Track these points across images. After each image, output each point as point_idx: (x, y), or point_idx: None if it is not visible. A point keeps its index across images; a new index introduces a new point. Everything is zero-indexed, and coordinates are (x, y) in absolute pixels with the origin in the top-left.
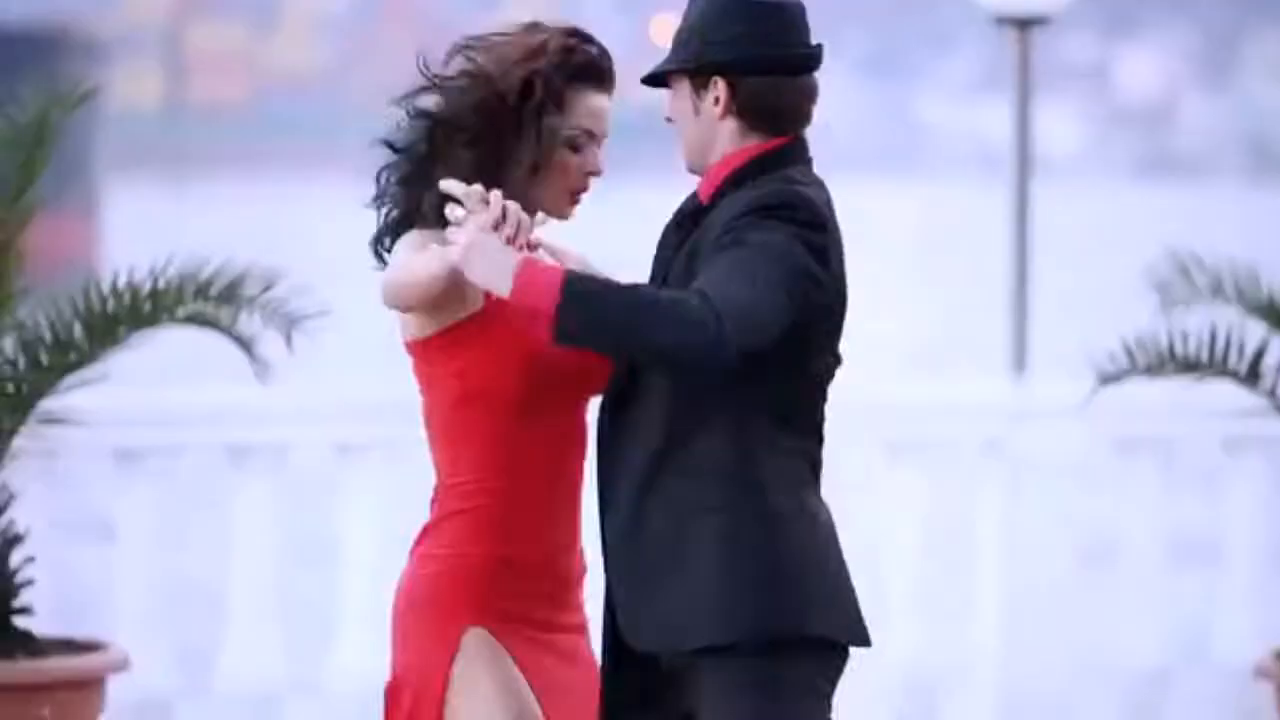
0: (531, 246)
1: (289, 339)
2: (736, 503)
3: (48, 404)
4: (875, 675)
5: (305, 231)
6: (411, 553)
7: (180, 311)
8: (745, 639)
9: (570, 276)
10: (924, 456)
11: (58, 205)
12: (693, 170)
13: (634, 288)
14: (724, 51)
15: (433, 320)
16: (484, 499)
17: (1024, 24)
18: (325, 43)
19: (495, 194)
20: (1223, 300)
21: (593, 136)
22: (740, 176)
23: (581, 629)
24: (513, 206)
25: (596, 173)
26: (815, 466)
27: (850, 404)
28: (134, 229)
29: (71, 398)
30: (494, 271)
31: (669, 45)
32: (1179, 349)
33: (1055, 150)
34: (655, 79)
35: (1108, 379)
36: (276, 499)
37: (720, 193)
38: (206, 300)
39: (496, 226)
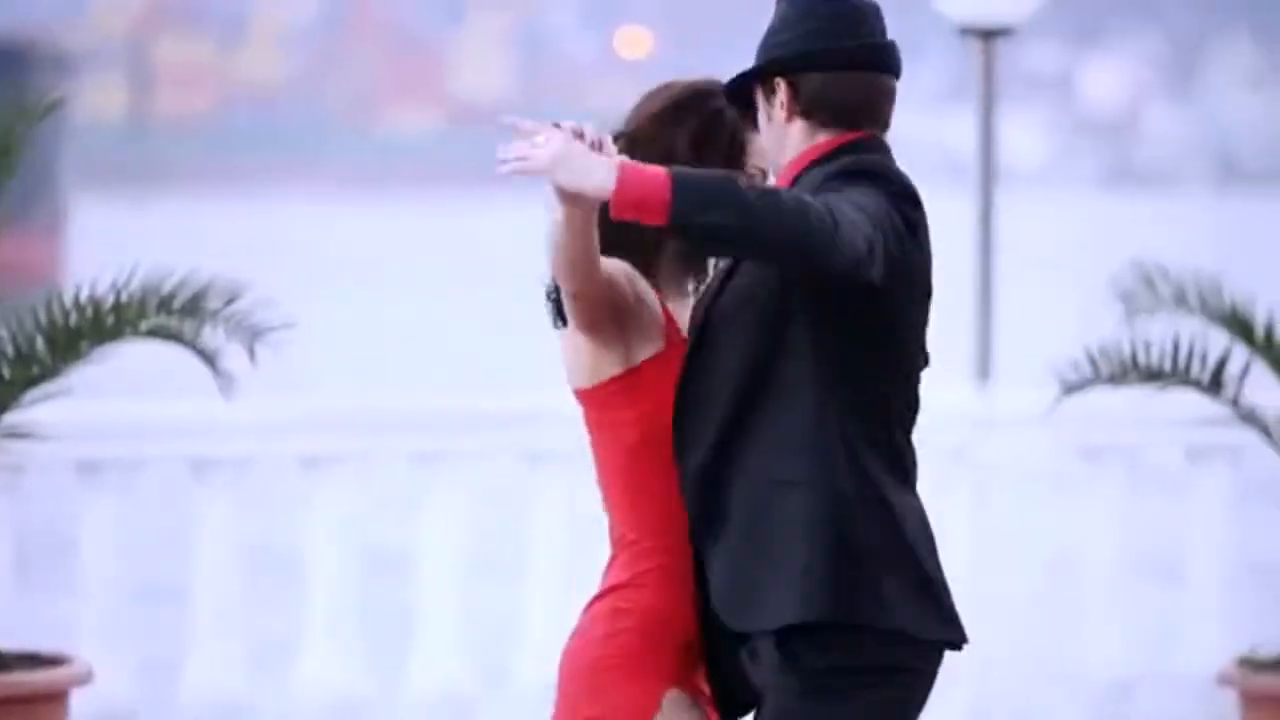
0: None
1: (252, 352)
2: (815, 482)
3: (10, 418)
4: None
5: (272, 244)
6: (592, 609)
7: (143, 325)
8: (824, 620)
9: (675, 168)
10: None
11: (24, 219)
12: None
13: (742, 179)
14: (784, 49)
15: (609, 363)
16: (664, 557)
17: (988, 34)
18: (292, 56)
19: (575, 123)
20: (1186, 310)
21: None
22: (810, 169)
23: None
24: (589, 124)
25: None
26: (900, 458)
27: None
28: (100, 243)
29: (34, 411)
30: (589, 171)
31: (634, 56)
32: (1142, 358)
33: (1021, 160)
34: (737, 95)
35: (1071, 388)
36: (239, 512)
37: (794, 183)
38: (169, 314)
39: (580, 136)
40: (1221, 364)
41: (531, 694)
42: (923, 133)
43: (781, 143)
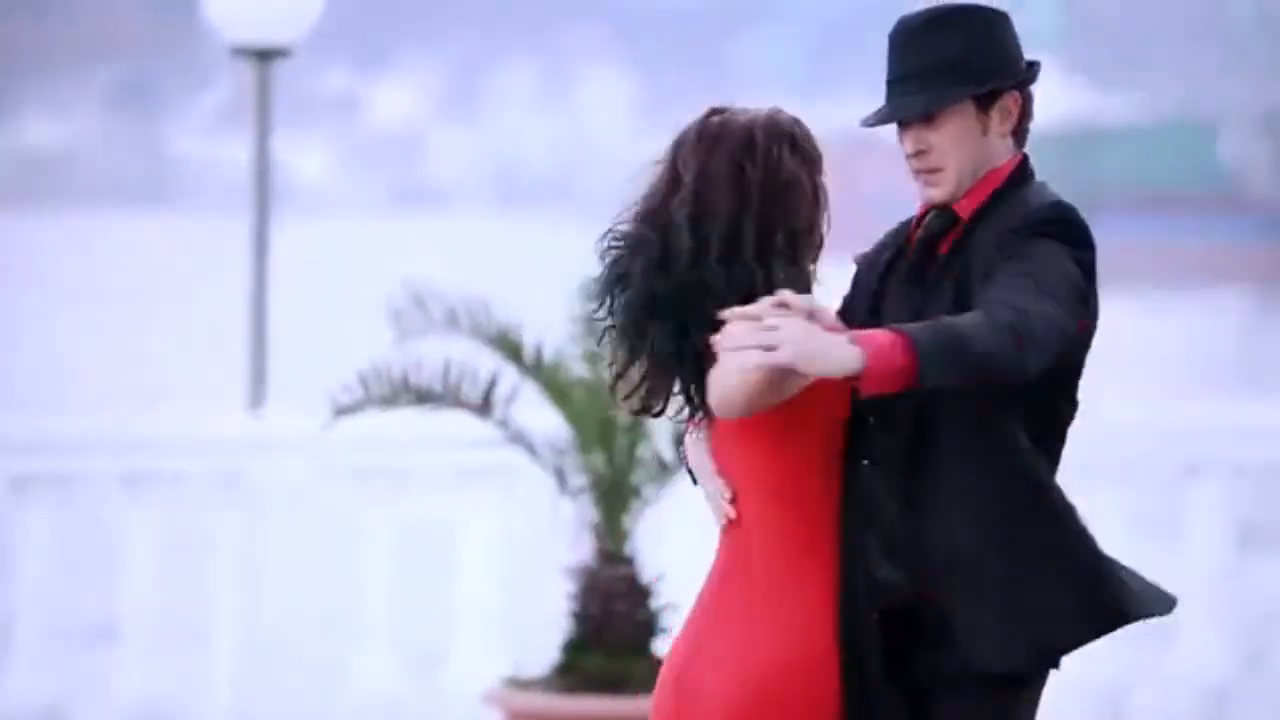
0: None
1: None
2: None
3: None
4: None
5: None
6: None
7: None
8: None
9: (896, 330)
10: (159, 486)
11: None
12: (947, 201)
13: (949, 323)
14: (1009, 66)
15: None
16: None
17: (263, 55)
18: None
19: (785, 293)
20: (458, 331)
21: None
22: (1003, 191)
23: None
24: (806, 297)
25: None
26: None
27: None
28: None
29: None
30: (835, 354)
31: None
32: (414, 380)
33: (302, 182)
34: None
35: (343, 410)
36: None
37: (985, 209)
38: None
39: (811, 316)
40: (491, 385)
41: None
42: (204, 155)
43: (987, 156)
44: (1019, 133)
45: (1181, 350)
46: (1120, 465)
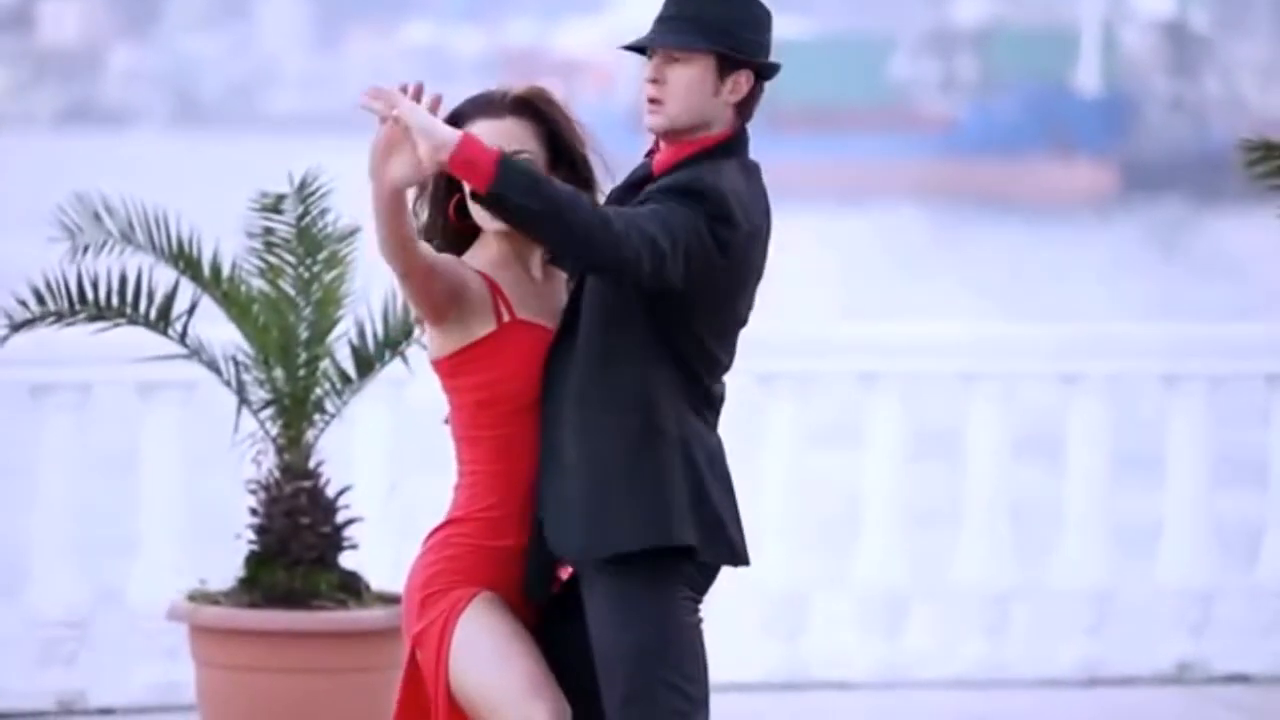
0: None
1: None
2: (632, 431)
3: None
4: None
5: None
6: (430, 539)
7: None
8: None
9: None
10: None
11: None
12: (665, 131)
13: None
14: (759, 53)
15: (451, 340)
16: (496, 496)
17: None
18: None
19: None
20: (135, 246)
21: None
22: (695, 159)
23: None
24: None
25: None
26: (707, 403)
27: None
28: None
29: None
30: (438, 128)
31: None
32: (90, 294)
33: None
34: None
35: (19, 325)
36: None
37: (675, 169)
38: None
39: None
40: (170, 300)
41: None
42: None
43: (711, 118)
44: (743, 112)
45: (856, 265)
46: (800, 377)
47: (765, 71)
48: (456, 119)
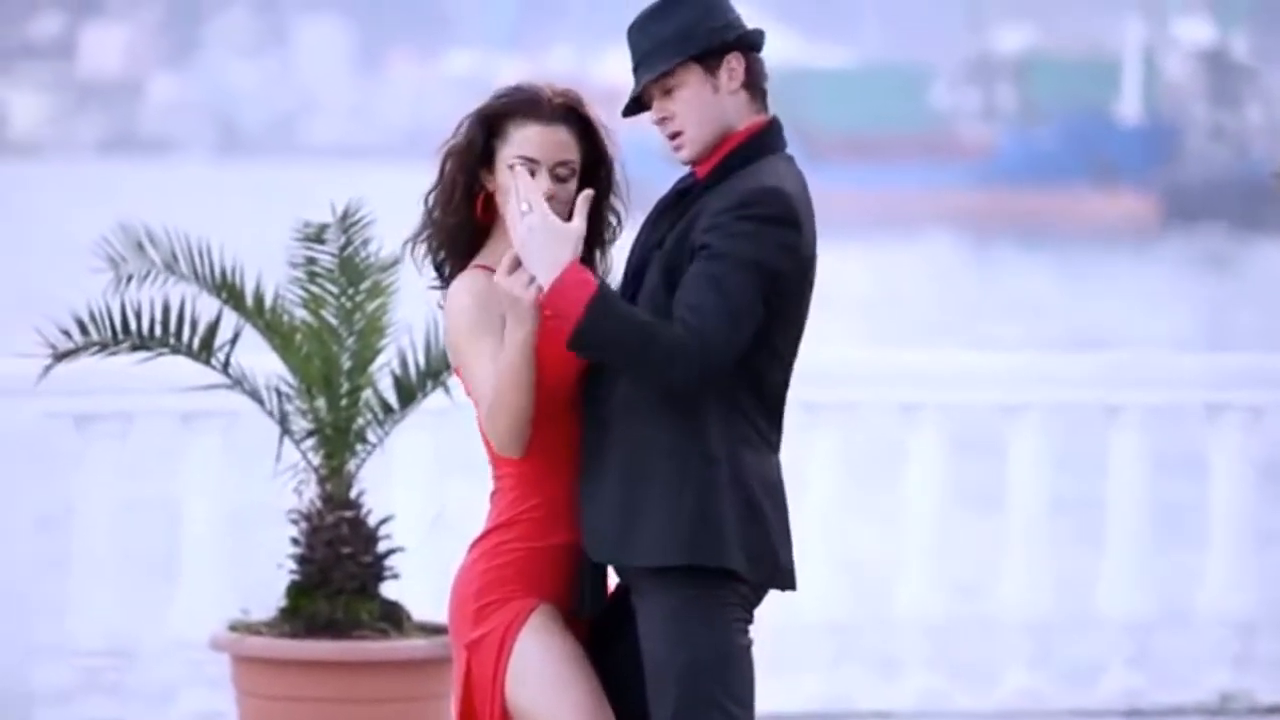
0: None
1: None
2: (683, 449)
3: None
4: None
5: None
6: (476, 547)
7: None
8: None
9: (600, 292)
10: None
11: None
12: (699, 156)
13: (646, 318)
14: (731, 32)
15: None
16: (541, 497)
17: None
18: None
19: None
20: (178, 275)
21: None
22: (735, 160)
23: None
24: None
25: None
26: (763, 430)
27: None
28: None
29: None
30: (545, 262)
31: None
32: (133, 324)
33: (21, 127)
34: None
35: (62, 355)
36: None
37: (723, 168)
38: None
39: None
40: (212, 330)
41: None
42: None
43: (725, 113)
44: (754, 92)
45: (897, 294)
46: (842, 406)
47: (750, 44)
48: (501, 117)
